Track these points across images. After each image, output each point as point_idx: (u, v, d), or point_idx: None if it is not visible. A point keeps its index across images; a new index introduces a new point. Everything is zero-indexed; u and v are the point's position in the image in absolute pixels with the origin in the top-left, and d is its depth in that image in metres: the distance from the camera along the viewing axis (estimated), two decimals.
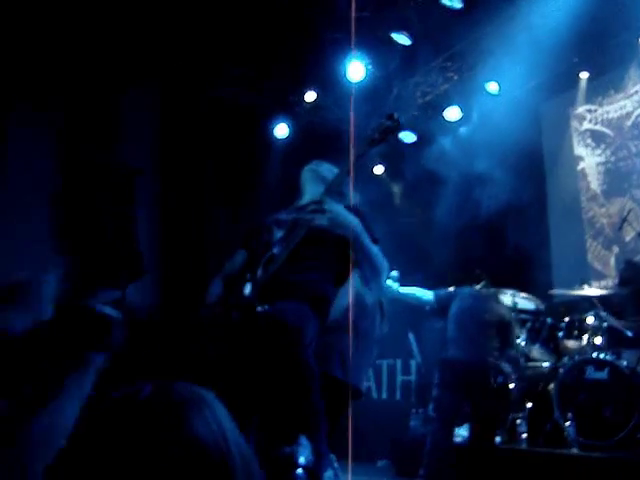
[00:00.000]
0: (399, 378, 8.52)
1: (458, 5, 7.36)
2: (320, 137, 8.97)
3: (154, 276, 8.55)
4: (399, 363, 8.51)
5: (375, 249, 3.54)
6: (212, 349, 3.56)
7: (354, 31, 6.59)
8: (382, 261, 3.54)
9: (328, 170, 3.90)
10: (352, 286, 3.64)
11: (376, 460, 7.48)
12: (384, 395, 8.57)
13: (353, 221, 3.44)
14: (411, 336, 7.50)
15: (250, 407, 3.34)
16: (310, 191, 3.87)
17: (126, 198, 8.56)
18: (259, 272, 3.54)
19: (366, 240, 3.46)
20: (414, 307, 5.79)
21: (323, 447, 3.16)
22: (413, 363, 8.19)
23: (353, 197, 3.79)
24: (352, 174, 3.63)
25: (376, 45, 7.84)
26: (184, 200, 9.20)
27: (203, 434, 1.05)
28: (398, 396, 8.34)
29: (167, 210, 9.15)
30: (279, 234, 3.68)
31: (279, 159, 9.64)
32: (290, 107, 9.66)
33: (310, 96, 9.31)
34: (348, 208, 3.58)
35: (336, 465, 3.21)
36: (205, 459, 1.03)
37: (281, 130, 9.71)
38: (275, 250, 3.57)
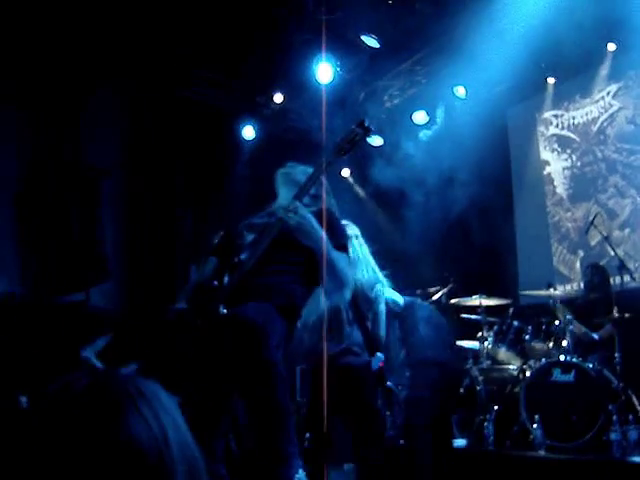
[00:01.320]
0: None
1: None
2: (288, 139, 8.95)
3: (119, 279, 8.46)
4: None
5: (341, 261, 3.49)
6: (177, 350, 3.53)
7: (324, 33, 6.59)
8: (346, 273, 3.51)
9: (302, 173, 3.85)
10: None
11: (342, 464, 7.45)
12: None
13: (319, 232, 3.40)
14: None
15: (219, 409, 3.31)
16: (283, 194, 3.83)
17: (92, 199, 8.49)
18: (226, 277, 3.51)
19: (332, 253, 3.40)
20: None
21: (291, 448, 3.13)
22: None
23: (327, 200, 3.75)
24: (323, 178, 3.61)
25: (345, 48, 7.83)
26: (151, 201, 9.11)
27: (139, 434, 0.98)
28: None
29: (133, 212, 9.06)
30: (250, 238, 3.65)
31: (247, 160, 9.59)
32: (258, 108, 9.62)
33: (278, 98, 9.28)
34: (319, 212, 3.55)
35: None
36: (140, 461, 0.97)
37: (249, 131, 9.67)
38: (242, 256, 3.54)
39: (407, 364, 5.80)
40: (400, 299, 5.48)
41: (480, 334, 6.81)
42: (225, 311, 3.36)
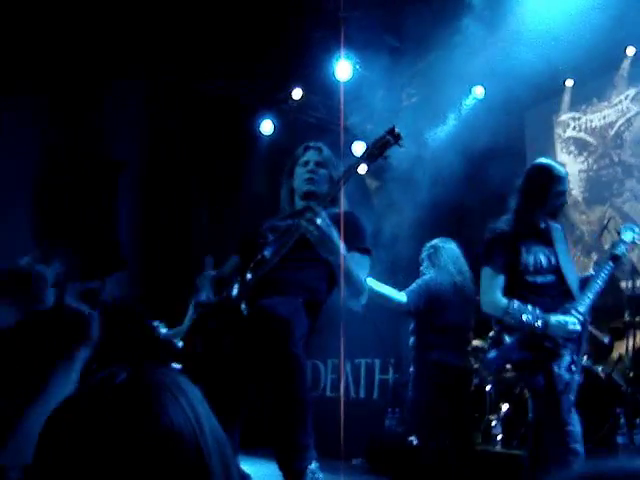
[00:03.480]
0: (377, 377, 8.56)
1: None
2: (306, 135, 8.99)
3: (135, 269, 8.54)
4: (378, 362, 8.54)
5: (359, 268, 3.49)
6: (200, 342, 3.57)
7: (343, 30, 6.62)
8: (362, 284, 3.52)
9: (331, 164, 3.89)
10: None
11: (351, 458, 7.51)
12: (362, 394, 8.60)
13: (337, 246, 3.36)
14: None
15: (238, 400, 3.35)
16: (309, 192, 3.84)
17: (109, 190, 8.59)
18: (248, 274, 3.54)
19: (349, 262, 3.40)
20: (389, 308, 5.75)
21: (307, 439, 3.18)
22: (392, 362, 8.22)
23: (347, 203, 3.77)
24: (344, 184, 3.62)
25: (365, 45, 7.87)
26: (167, 194, 9.19)
27: (178, 420, 1.06)
28: (375, 395, 8.37)
29: (150, 204, 9.14)
30: (272, 238, 3.67)
31: (264, 155, 9.65)
32: (277, 104, 9.68)
33: (297, 94, 9.33)
34: (338, 215, 3.56)
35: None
36: (180, 445, 1.04)
37: (267, 126, 9.73)
38: (266, 253, 3.56)
39: (412, 360, 5.84)
40: (401, 297, 5.52)
41: (491, 334, 6.84)
42: (246, 307, 3.40)
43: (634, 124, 8.43)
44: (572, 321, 3.89)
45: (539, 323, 3.86)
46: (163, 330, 6.32)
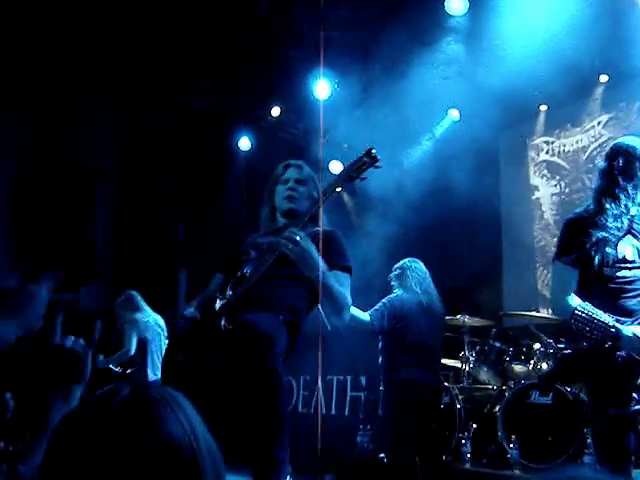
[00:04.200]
0: (349, 394, 8.59)
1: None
2: (283, 152, 9.05)
3: (109, 281, 8.53)
4: (349, 379, 8.57)
5: (339, 285, 3.52)
6: (181, 357, 3.60)
7: (322, 50, 6.71)
8: (344, 297, 3.54)
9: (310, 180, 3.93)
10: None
11: (323, 475, 7.52)
12: (333, 411, 8.62)
13: (317, 263, 3.41)
14: None
15: (220, 414, 3.38)
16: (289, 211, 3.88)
17: (86, 201, 8.56)
18: (229, 291, 3.59)
19: (329, 279, 3.44)
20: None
21: (283, 454, 3.21)
22: (363, 379, 8.26)
23: (328, 221, 3.80)
24: (323, 204, 3.66)
25: (343, 65, 7.96)
26: (144, 206, 9.20)
27: (177, 434, 1.13)
28: (347, 412, 8.40)
29: (126, 216, 9.14)
30: (253, 254, 3.71)
31: (241, 171, 9.70)
32: (255, 120, 9.74)
33: (275, 111, 9.40)
34: (318, 234, 3.59)
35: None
36: (178, 458, 1.12)
37: (244, 142, 9.79)
38: (245, 270, 3.60)
39: (382, 379, 5.91)
40: (365, 316, 5.59)
41: (462, 353, 6.92)
42: (226, 323, 3.44)
43: (606, 149, 8.54)
44: None
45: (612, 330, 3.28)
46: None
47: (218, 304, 3.57)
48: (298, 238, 3.39)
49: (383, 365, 5.83)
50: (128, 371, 7.51)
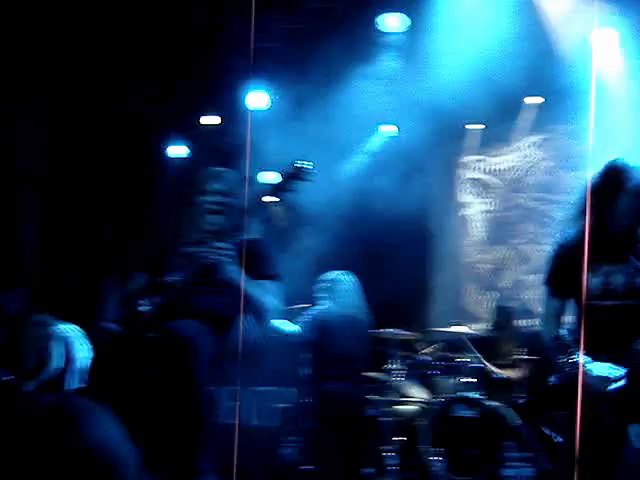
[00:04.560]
0: (276, 406, 8.54)
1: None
2: (216, 160, 8.99)
3: (37, 284, 8.34)
4: (276, 391, 8.53)
5: (261, 297, 3.55)
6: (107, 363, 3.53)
7: (257, 61, 6.72)
8: (268, 308, 3.59)
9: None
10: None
11: None
12: (259, 422, 8.57)
13: (235, 272, 3.44)
14: None
15: (143, 421, 3.31)
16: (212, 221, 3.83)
17: (15, 205, 8.35)
18: (154, 298, 3.54)
19: (251, 288, 3.47)
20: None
21: (206, 465, 3.18)
22: (290, 391, 8.23)
23: (255, 229, 3.79)
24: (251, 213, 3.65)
25: (278, 76, 7.98)
26: (74, 211, 9.04)
27: (95, 443, 1.14)
28: (273, 424, 8.34)
29: (56, 220, 8.96)
30: (180, 263, 3.67)
31: (174, 178, 9.60)
32: (189, 128, 9.67)
33: (210, 119, 9.36)
34: (242, 243, 3.57)
35: None
36: (96, 467, 1.12)
37: (178, 149, 9.72)
38: (169, 277, 3.57)
39: (307, 391, 5.91)
40: (292, 328, 5.60)
41: (390, 366, 6.94)
42: (150, 332, 3.39)
43: (536, 169, 8.77)
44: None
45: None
46: None
47: (142, 309, 3.52)
48: (220, 248, 3.38)
49: (308, 377, 5.83)
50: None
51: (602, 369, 3.12)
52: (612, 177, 3.30)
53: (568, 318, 3.37)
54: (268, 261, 3.74)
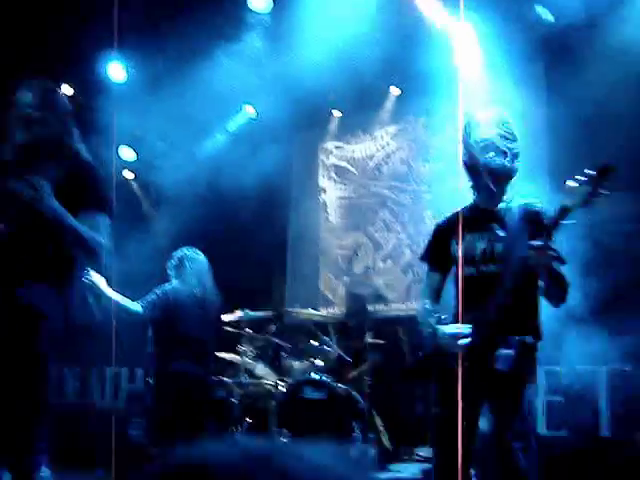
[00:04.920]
0: (124, 386, 8.41)
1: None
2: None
3: None
4: (125, 371, 8.40)
5: (85, 232, 3.14)
6: None
7: (118, 31, 6.52)
8: (97, 243, 3.18)
9: None
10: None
11: (95, 468, 7.29)
12: (107, 403, 8.41)
13: (51, 204, 3.02)
14: None
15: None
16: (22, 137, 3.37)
17: None
18: None
19: (71, 223, 3.08)
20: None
21: (41, 444, 3.06)
22: (139, 372, 8.12)
23: (80, 155, 3.40)
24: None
25: (140, 48, 7.78)
26: None
27: None
28: (121, 405, 8.21)
29: None
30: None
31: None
32: None
33: (67, 90, 9.02)
34: (67, 167, 3.26)
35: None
36: None
37: None
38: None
39: (152, 371, 5.83)
40: (136, 307, 5.49)
41: (240, 348, 6.94)
42: None
43: (392, 159, 8.96)
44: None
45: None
46: None
47: None
48: (34, 183, 3.03)
49: (154, 356, 5.74)
50: None
51: (453, 328, 3.37)
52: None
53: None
54: (95, 189, 3.29)
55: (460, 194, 3.77)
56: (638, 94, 6.09)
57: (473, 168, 3.48)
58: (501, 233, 3.40)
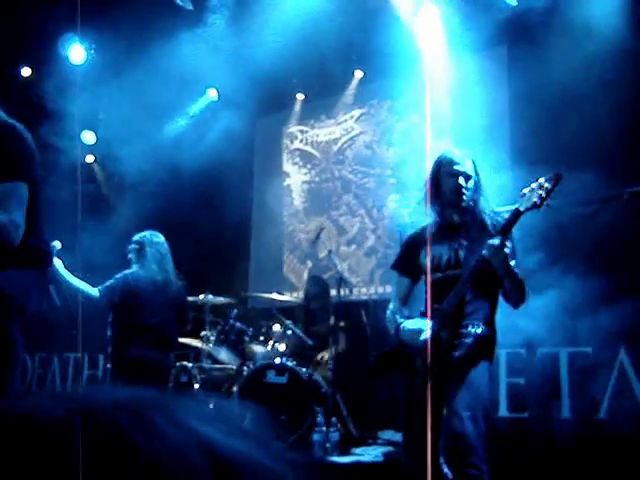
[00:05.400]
0: (86, 372, 8.34)
1: (189, 7, 7.48)
2: (33, 113, 8.54)
3: None
4: (86, 357, 8.32)
5: None
6: None
7: (78, 11, 6.40)
8: (10, 221, 2.85)
9: None
10: None
11: None
12: (69, 390, 8.32)
13: None
14: None
15: None
16: None
17: None
18: None
19: None
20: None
21: None
22: (101, 357, 8.04)
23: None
24: None
25: (102, 31, 7.66)
26: None
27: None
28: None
29: None
30: None
31: None
32: (4, 80, 9.12)
33: (26, 72, 8.88)
34: None
35: None
36: None
37: None
38: None
39: (111, 356, 5.76)
40: (94, 292, 5.41)
41: (203, 333, 6.91)
42: None
43: (356, 143, 8.95)
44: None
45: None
46: None
47: None
48: None
49: (112, 342, 5.67)
50: None
51: (414, 324, 3.70)
52: (434, 168, 3.87)
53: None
54: (10, 156, 2.97)
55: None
56: (599, 76, 6.11)
57: (438, 191, 3.81)
58: (464, 242, 3.74)
